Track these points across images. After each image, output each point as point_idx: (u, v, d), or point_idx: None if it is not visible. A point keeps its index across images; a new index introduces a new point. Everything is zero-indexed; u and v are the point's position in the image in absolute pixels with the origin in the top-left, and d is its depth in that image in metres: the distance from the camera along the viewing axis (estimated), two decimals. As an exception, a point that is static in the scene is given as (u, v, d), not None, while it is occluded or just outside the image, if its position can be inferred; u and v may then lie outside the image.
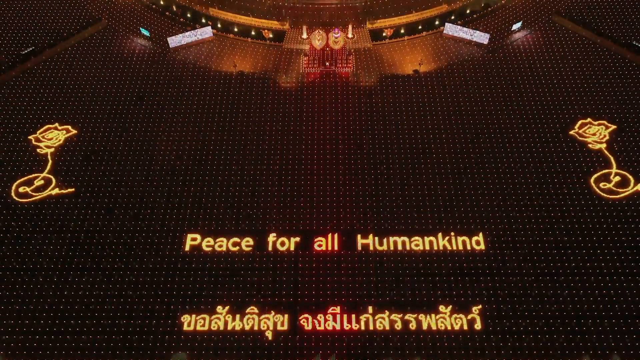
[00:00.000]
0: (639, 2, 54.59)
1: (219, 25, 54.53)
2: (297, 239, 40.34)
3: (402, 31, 53.94)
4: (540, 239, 39.82)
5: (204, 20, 54.77)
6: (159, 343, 35.68)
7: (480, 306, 36.76)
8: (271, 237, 40.39)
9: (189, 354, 35.23)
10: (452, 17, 54.44)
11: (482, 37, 52.05)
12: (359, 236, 40.40)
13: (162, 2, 56.17)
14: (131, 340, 35.75)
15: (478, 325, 36.00)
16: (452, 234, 40.25)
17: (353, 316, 36.64)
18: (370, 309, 36.97)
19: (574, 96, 48.04)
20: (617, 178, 42.57)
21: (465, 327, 35.95)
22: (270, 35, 53.82)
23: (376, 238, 40.22)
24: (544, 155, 44.42)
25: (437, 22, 54.29)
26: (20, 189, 42.76)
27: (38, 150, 45.27)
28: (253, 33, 54.04)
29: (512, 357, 34.71)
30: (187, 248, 39.98)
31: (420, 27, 54.15)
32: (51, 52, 51.88)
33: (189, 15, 55.34)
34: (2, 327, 36.18)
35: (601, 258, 38.65)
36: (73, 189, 42.85)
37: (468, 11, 54.95)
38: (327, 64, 51.10)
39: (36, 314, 36.81)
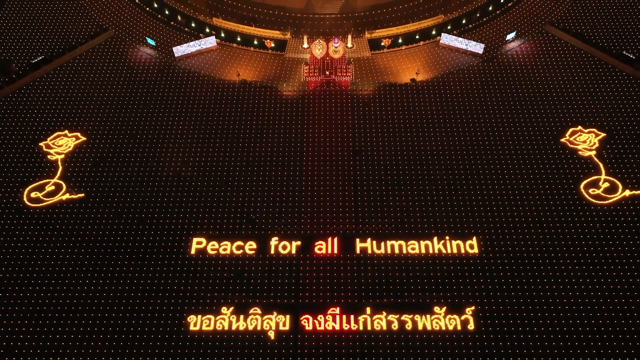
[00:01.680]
0: (628, 13, 55.71)
1: (223, 35, 55.47)
2: (299, 242, 41.52)
3: (400, 41, 54.90)
4: (531, 243, 41.11)
5: (208, 30, 55.75)
6: (166, 342, 36.96)
7: (473, 307, 38.07)
8: (273, 241, 41.57)
9: (196, 353, 36.58)
10: (449, 27, 55.44)
11: (477, 47, 53.23)
12: (357, 240, 41.57)
13: (167, 12, 57.38)
14: (140, 340, 37.02)
15: (471, 326, 37.32)
16: (447, 238, 41.45)
17: (352, 317, 37.84)
18: (368, 309, 38.18)
19: (565, 104, 49.22)
20: (606, 184, 43.90)
21: (459, 328, 37.27)
22: (272, 45, 54.81)
23: (374, 242, 41.40)
24: (536, 162, 45.62)
25: (434, 32, 55.22)
26: (32, 194, 44.04)
27: (49, 156, 46.50)
28: (255, 42, 54.99)
29: (503, 357, 36.05)
30: (192, 251, 41.17)
31: (417, 37, 55.10)
32: (61, 61, 52.95)
33: (193, 25, 56.33)
34: (16, 327, 37.53)
35: (589, 261, 39.98)
36: (83, 194, 44.11)
37: (464, 21, 56.14)
38: (328, 72, 51.97)
39: (49, 314, 38.09)
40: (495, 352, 36.33)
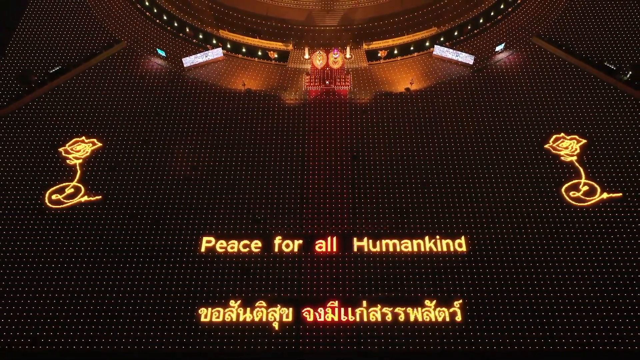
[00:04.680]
0: (610, 26, 58.36)
1: (229, 46, 57.86)
2: (300, 241, 44.04)
3: (396, 52, 57.17)
4: (516, 242, 43.75)
5: (214, 42, 58.24)
6: (179, 333, 39.80)
7: (460, 301, 40.68)
8: (277, 240, 44.13)
9: (206, 342, 39.50)
10: (441, 39, 57.88)
11: (468, 58, 55.73)
12: (355, 239, 44.02)
13: (176, 25, 60.06)
14: (155, 330, 39.84)
15: (458, 318, 39.96)
16: (438, 237, 44.00)
17: (349, 309, 40.47)
18: (364, 303, 40.80)
19: (549, 112, 51.65)
20: (586, 187, 46.60)
21: (448, 319, 39.92)
22: (275, 56, 57.21)
23: (370, 241, 43.93)
24: (521, 167, 48.12)
25: (427, 44, 57.55)
26: (53, 197, 46.74)
27: (67, 161, 49.09)
28: (260, 53, 57.45)
29: (487, 346, 38.91)
30: (202, 249, 43.73)
31: (412, 48, 57.40)
32: (77, 71, 55.37)
33: (201, 36, 58.85)
34: (40, 321, 40.34)
35: (569, 259, 42.75)
36: (100, 196, 46.83)
37: (456, 33, 58.73)
38: (327, 82, 54.09)
39: (71, 307, 40.92)
40: (480, 341, 39.12)
